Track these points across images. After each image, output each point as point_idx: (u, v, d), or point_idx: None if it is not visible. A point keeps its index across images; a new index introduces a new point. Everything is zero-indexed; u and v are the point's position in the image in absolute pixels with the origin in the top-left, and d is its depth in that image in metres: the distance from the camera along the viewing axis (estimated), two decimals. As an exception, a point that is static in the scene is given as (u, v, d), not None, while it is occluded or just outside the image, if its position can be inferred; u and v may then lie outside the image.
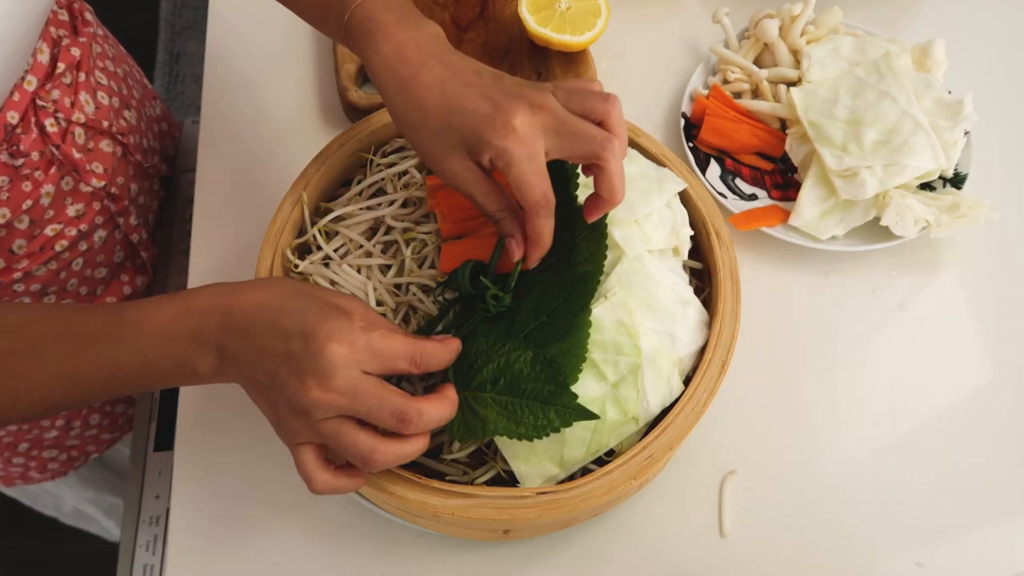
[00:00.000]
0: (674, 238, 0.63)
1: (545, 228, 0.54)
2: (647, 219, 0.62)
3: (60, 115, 0.68)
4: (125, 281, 0.84)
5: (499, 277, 0.58)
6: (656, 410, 0.57)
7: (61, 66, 0.68)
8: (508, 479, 0.58)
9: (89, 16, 0.77)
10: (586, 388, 0.56)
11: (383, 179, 0.68)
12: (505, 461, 0.58)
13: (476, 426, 0.54)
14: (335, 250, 0.65)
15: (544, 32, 0.80)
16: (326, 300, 0.50)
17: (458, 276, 0.57)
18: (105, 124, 0.73)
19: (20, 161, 0.66)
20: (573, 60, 0.84)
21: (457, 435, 0.54)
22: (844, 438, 0.70)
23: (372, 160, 0.69)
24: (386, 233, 0.66)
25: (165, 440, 0.78)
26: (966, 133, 0.79)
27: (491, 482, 0.58)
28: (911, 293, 0.77)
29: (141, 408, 0.81)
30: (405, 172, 0.69)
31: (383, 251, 0.65)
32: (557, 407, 0.53)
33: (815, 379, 0.73)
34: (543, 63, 0.84)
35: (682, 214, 0.65)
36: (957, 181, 0.79)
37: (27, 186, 0.68)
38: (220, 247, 0.77)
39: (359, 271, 0.63)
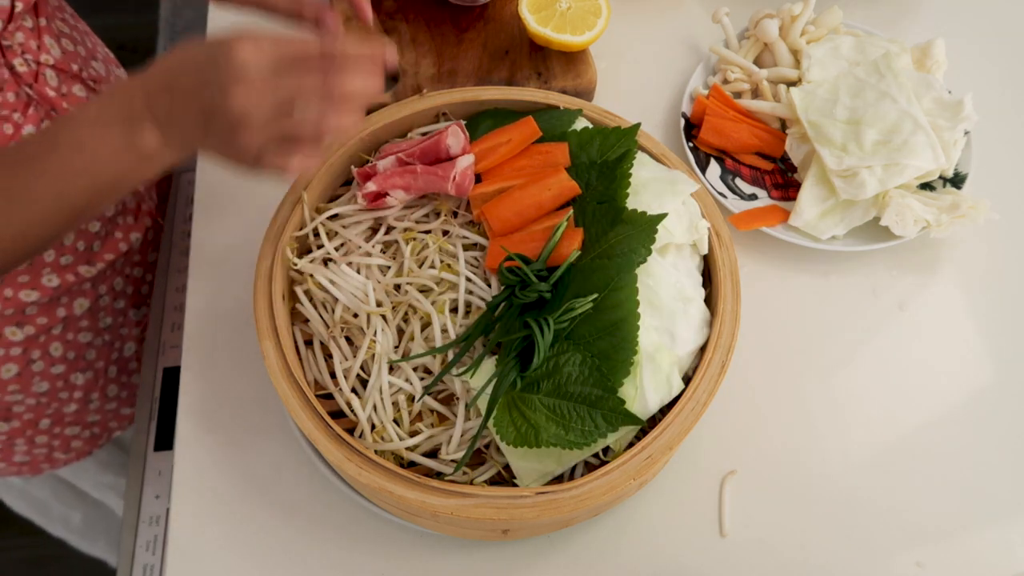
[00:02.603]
0: (694, 232, 0.63)
1: None
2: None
3: (28, 56, 0.68)
4: (119, 238, 0.83)
5: (551, 270, 0.59)
6: (654, 408, 0.57)
7: (19, 5, 0.68)
8: (507, 478, 0.58)
9: None
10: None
11: (383, 179, 0.68)
12: (501, 453, 0.58)
13: (528, 433, 0.55)
14: (335, 249, 0.65)
15: (544, 32, 0.80)
16: (228, 36, 0.51)
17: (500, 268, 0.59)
18: (75, 68, 0.73)
19: None
20: (573, 60, 0.84)
21: (507, 437, 0.55)
22: (844, 438, 0.70)
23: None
24: (386, 233, 0.66)
25: (165, 440, 0.78)
26: (966, 133, 0.79)
27: (490, 481, 0.58)
28: (911, 293, 0.77)
29: (141, 408, 0.81)
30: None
31: (383, 251, 0.65)
32: (604, 411, 0.54)
33: (815, 379, 0.73)
34: (543, 63, 0.84)
35: (696, 209, 0.65)
36: (957, 181, 0.79)
37: (8, 128, 0.67)
38: (220, 247, 0.77)
39: (359, 271, 0.63)
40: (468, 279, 0.61)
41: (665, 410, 0.58)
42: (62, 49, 0.73)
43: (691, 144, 0.81)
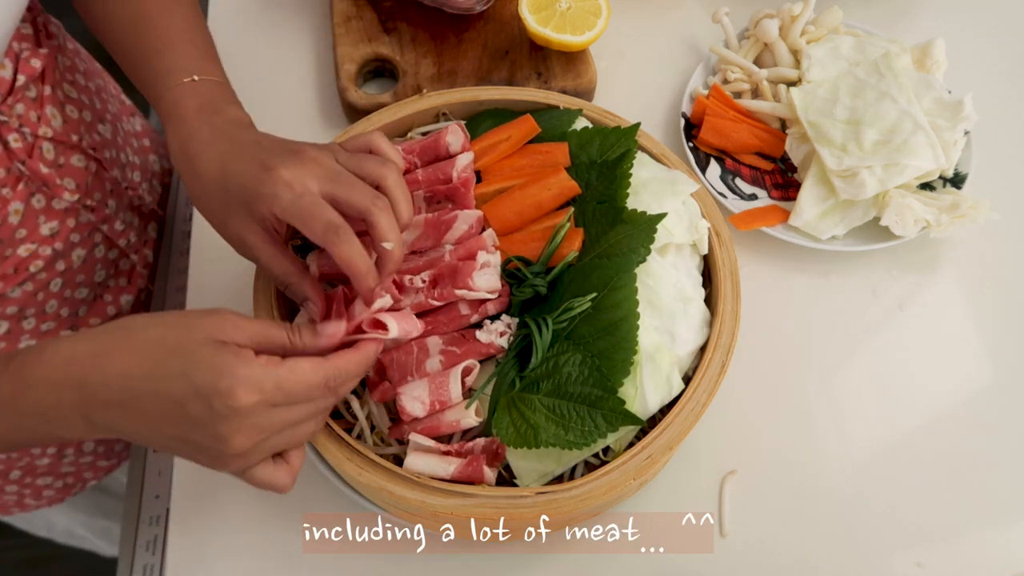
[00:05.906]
0: (694, 232, 0.63)
1: (351, 252, 0.51)
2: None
3: (26, 129, 0.66)
4: (109, 301, 0.81)
5: (550, 269, 0.59)
6: (655, 408, 0.57)
7: (22, 78, 0.66)
8: (508, 478, 0.58)
9: (54, 29, 0.75)
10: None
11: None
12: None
13: (528, 434, 0.54)
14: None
15: (544, 32, 0.80)
16: (200, 345, 0.45)
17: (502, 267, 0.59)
18: (75, 138, 0.71)
19: None
20: (573, 60, 0.84)
21: (506, 438, 0.55)
22: (844, 438, 0.70)
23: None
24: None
25: (165, 440, 0.77)
26: (966, 133, 0.79)
27: (491, 482, 0.58)
28: (911, 293, 0.77)
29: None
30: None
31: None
32: (604, 411, 0.54)
33: (815, 379, 0.73)
34: (543, 63, 0.84)
35: (696, 209, 0.65)
36: (957, 181, 0.79)
37: None
38: (221, 248, 0.77)
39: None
40: (468, 279, 0.61)
41: (665, 410, 0.58)
42: (64, 118, 0.70)
43: (691, 144, 0.81)
